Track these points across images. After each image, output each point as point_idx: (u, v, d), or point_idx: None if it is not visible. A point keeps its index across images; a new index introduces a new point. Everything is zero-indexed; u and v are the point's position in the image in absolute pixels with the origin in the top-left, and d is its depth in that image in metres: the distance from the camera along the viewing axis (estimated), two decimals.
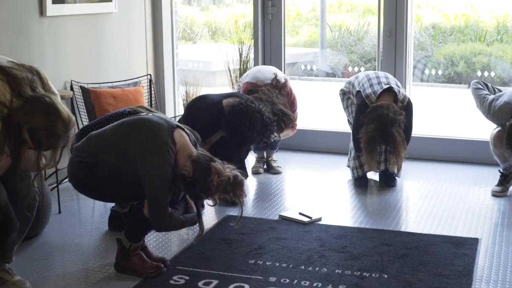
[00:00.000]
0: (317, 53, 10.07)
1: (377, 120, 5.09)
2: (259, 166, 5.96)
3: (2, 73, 3.22)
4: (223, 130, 4.91)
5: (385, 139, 5.14)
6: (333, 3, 11.62)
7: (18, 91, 3.20)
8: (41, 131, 3.18)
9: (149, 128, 3.78)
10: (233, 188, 3.74)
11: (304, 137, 6.59)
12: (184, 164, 3.73)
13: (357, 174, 5.54)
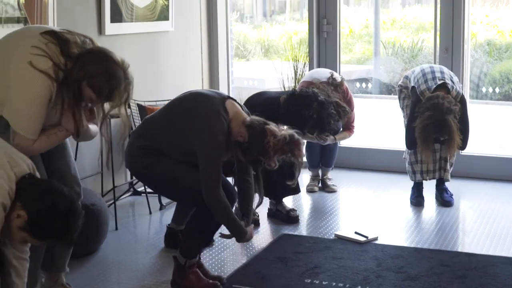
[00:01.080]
0: (370, 70, 10.03)
1: (432, 107, 5.08)
2: (314, 184, 5.94)
3: (54, 37, 3.24)
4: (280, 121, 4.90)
5: (440, 126, 5.08)
6: (386, 20, 11.59)
7: (67, 53, 3.21)
8: (98, 77, 3.16)
9: (200, 99, 3.83)
10: (290, 147, 3.73)
11: (359, 155, 6.56)
12: (238, 131, 3.74)
13: (414, 178, 5.53)
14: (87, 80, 3.17)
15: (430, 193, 5.62)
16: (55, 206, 2.83)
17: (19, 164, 2.89)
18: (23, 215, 2.80)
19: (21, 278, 3.06)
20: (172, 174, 3.84)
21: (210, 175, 3.69)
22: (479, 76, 10.31)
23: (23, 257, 3.07)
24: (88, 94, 3.21)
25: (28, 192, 2.84)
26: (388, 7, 13.07)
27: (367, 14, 11.56)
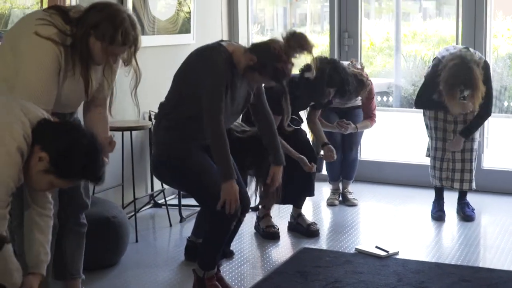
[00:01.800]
0: (392, 83, 10.01)
1: (457, 58, 5.08)
2: (334, 198, 5.93)
3: (56, 9, 3.25)
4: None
5: (466, 74, 5.03)
6: (407, 33, 11.58)
7: (70, 19, 3.19)
8: (102, 24, 3.12)
9: (194, 51, 3.98)
10: (297, 41, 3.78)
11: (380, 168, 6.55)
12: (245, 58, 3.78)
13: (434, 183, 5.52)
14: (93, 31, 3.13)
15: (452, 207, 5.59)
16: (76, 140, 2.78)
17: (33, 111, 2.85)
18: (44, 157, 2.74)
19: (45, 235, 3.00)
20: (198, 169, 3.87)
21: (212, 101, 3.73)
22: (500, 90, 10.25)
23: (46, 213, 3.01)
24: (97, 49, 3.16)
25: (46, 134, 2.78)
26: (409, 20, 13.05)
27: (388, 27, 11.55)
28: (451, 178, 5.41)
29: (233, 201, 3.71)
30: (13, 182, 2.72)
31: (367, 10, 14.78)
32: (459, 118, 5.31)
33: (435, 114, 5.36)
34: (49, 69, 3.15)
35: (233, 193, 3.70)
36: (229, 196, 3.71)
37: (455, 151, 5.33)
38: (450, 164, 5.38)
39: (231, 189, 3.71)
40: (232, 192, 3.70)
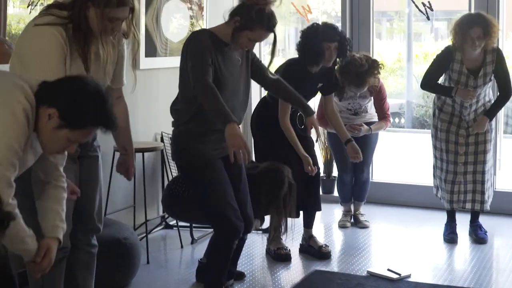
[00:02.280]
0: (403, 104, 10.01)
1: (465, 15, 5.19)
2: (346, 220, 5.91)
3: (48, 6, 3.28)
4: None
5: (476, 17, 5.09)
6: (419, 53, 11.57)
7: (63, 5, 3.20)
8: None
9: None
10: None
11: (391, 190, 6.53)
12: (230, 27, 3.85)
13: (445, 206, 5.48)
14: (90, 2, 3.14)
15: (464, 230, 5.56)
16: (81, 88, 2.70)
17: (31, 78, 2.82)
18: (53, 113, 2.67)
19: (60, 205, 2.95)
20: (211, 182, 3.92)
21: (196, 68, 3.81)
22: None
23: (60, 185, 2.96)
24: (94, 16, 3.15)
25: (49, 92, 2.72)
26: (420, 41, 13.05)
27: (400, 48, 11.56)
28: (463, 199, 5.38)
29: (242, 146, 3.59)
30: (18, 144, 2.63)
31: (378, 30, 14.81)
32: (471, 140, 5.29)
33: (446, 136, 5.33)
34: (56, 56, 3.15)
35: (238, 136, 3.59)
36: (235, 141, 3.59)
37: (467, 173, 5.31)
38: (461, 187, 5.36)
39: (235, 131, 3.60)
40: (237, 135, 3.59)
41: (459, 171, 5.32)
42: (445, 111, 5.33)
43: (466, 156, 5.30)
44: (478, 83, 5.16)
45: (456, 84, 5.18)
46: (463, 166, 5.32)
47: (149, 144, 5.41)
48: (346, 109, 5.69)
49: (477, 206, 5.39)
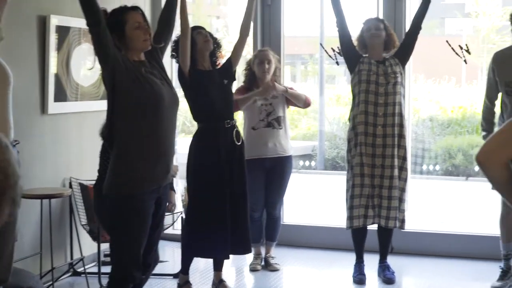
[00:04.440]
0: (316, 146, 10.17)
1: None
2: (256, 263, 5.92)
3: None
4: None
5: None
6: (332, 96, 11.83)
7: None
8: None
9: None
10: None
11: (302, 232, 6.58)
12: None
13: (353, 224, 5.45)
14: None
15: (373, 270, 5.65)
16: None
17: None
18: None
19: None
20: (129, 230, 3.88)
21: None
22: (422, 151, 10.50)
23: None
24: None
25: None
26: (334, 83, 13.34)
27: (313, 90, 11.79)
28: (378, 214, 5.40)
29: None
30: None
31: (293, 73, 15.07)
32: (387, 152, 5.35)
33: (360, 149, 5.35)
34: None
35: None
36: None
37: (383, 187, 5.40)
38: (376, 200, 5.39)
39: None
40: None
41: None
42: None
43: (383, 169, 5.33)
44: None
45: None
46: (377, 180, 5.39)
47: (57, 190, 5.33)
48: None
49: (391, 224, 5.40)
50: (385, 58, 5.40)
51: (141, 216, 3.88)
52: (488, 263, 5.83)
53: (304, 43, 12.72)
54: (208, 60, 5.05)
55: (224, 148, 4.94)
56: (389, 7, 6.23)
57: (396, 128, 5.33)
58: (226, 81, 5.05)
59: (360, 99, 5.35)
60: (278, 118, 5.68)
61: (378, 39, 5.39)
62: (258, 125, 5.65)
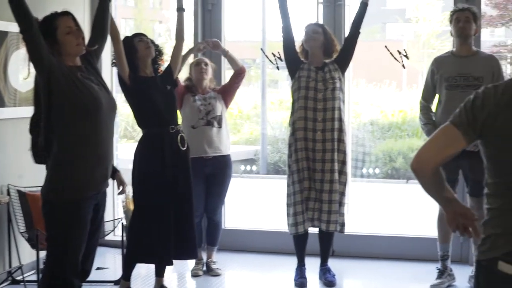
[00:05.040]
0: (258, 151, 10.19)
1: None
2: (198, 268, 5.91)
3: None
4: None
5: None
6: (275, 100, 11.89)
7: None
8: None
9: None
10: None
11: (244, 237, 6.59)
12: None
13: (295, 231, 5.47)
14: None
15: (314, 273, 5.69)
16: None
17: None
18: None
19: None
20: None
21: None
22: (363, 155, 10.62)
23: None
24: None
25: None
26: (277, 88, 13.41)
27: (256, 95, 11.82)
28: (318, 218, 5.45)
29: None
30: None
31: None
32: (327, 157, 5.40)
33: (301, 154, 5.37)
34: None
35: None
36: None
37: (323, 191, 5.44)
38: (316, 204, 5.42)
39: None
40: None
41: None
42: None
43: (324, 174, 5.37)
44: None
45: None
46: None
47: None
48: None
49: (332, 227, 5.45)
50: (325, 63, 5.46)
51: (80, 222, 3.85)
52: (427, 264, 5.92)
53: (247, 47, 12.75)
54: (150, 66, 5.07)
55: (169, 154, 4.95)
56: (328, 13, 6.30)
57: (336, 133, 5.40)
58: (169, 87, 5.07)
59: (299, 105, 5.40)
60: (217, 117, 5.72)
61: (314, 42, 5.44)
62: (198, 124, 5.67)
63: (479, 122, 2.42)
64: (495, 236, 2.43)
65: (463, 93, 5.12)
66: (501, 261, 2.39)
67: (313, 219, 5.46)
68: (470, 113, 2.44)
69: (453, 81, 5.27)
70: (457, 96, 5.15)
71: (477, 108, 2.43)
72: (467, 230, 2.52)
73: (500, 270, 2.39)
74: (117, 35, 4.76)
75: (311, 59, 5.48)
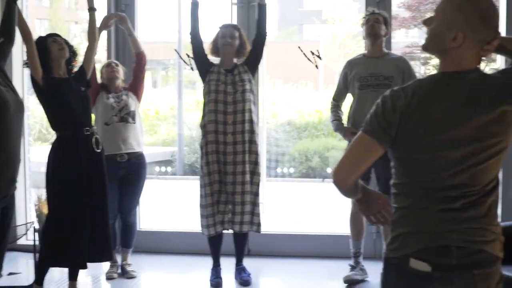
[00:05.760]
0: (175, 152, 10.16)
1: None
2: (113, 271, 5.85)
3: None
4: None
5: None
6: (192, 102, 11.85)
7: None
8: None
9: None
10: None
11: (159, 238, 6.55)
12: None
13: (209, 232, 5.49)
14: None
15: (230, 273, 5.71)
16: None
17: None
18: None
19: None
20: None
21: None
22: (280, 155, 10.70)
23: None
24: None
25: None
26: (194, 88, 13.36)
27: (173, 96, 11.78)
28: (232, 220, 5.48)
29: None
30: None
31: (154, 78, 15.01)
32: (238, 159, 5.42)
33: (212, 157, 5.39)
34: None
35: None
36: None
37: (235, 193, 5.46)
38: (230, 207, 5.45)
39: None
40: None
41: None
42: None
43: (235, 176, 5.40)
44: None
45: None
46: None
47: None
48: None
49: (245, 228, 5.50)
50: (236, 65, 5.49)
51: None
52: (341, 261, 6.00)
53: (163, 48, 12.70)
54: (64, 67, 5.00)
55: (84, 156, 4.89)
56: (242, 14, 6.33)
57: (247, 135, 5.43)
58: (83, 89, 5.02)
59: (209, 108, 5.41)
60: (131, 112, 5.69)
61: (231, 48, 5.47)
62: (111, 120, 5.62)
63: (393, 126, 2.41)
64: (405, 235, 2.45)
65: (374, 92, 5.28)
66: (412, 258, 2.42)
67: (223, 222, 5.50)
68: (382, 119, 2.42)
69: (364, 80, 5.42)
70: (369, 95, 5.30)
71: (388, 112, 2.42)
72: (381, 216, 2.52)
73: (412, 267, 2.41)
74: (29, 36, 4.68)
75: (222, 59, 5.50)
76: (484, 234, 2.43)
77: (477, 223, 2.42)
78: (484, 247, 2.42)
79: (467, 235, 2.41)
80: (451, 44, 2.42)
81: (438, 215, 2.42)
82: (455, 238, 2.40)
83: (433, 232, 2.42)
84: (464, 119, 2.39)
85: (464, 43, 2.40)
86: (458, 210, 2.41)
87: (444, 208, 2.42)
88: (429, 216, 2.43)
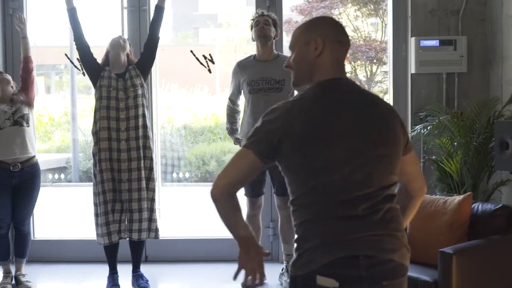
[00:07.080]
0: (70, 158, 10.00)
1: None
2: (7, 282, 5.69)
3: None
4: None
5: None
6: (86, 107, 11.69)
7: None
8: None
9: None
10: None
11: (54, 247, 6.43)
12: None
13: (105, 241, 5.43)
14: None
15: (127, 280, 5.67)
16: None
17: None
18: None
19: None
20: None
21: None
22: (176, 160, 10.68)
23: None
24: None
25: None
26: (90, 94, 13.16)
27: (67, 101, 11.60)
28: (129, 229, 5.45)
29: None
30: None
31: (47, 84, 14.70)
32: (133, 165, 5.39)
33: (105, 165, 5.36)
34: None
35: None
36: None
37: (132, 201, 5.43)
38: (127, 215, 5.42)
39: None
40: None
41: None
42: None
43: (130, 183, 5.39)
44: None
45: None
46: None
47: None
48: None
49: (143, 236, 5.47)
50: (127, 69, 5.45)
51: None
52: None
53: (57, 53, 12.47)
54: None
55: None
56: (133, 18, 6.30)
57: (141, 141, 5.41)
58: None
59: (102, 114, 5.37)
60: (25, 115, 5.58)
61: (119, 58, 5.45)
62: (4, 125, 5.49)
63: (276, 140, 2.43)
64: (311, 250, 2.42)
65: (267, 96, 5.34)
66: (318, 275, 2.38)
67: (120, 231, 5.46)
68: (263, 134, 2.44)
69: (255, 85, 5.44)
70: (261, 99, 5.36)
71: (270, 129, 2.44)
72: (254, 275, 2.50)
73: (319, 284, 2.39)
74: None
75: (112, 65, 5.46)
76: (392, 241, 2.44)
77: (383, 229, 2.43)
78: (393, 257, 2.43)
79: (374, 242, 2.41)
80: (315, 54, 2.51)
81: (341, 223, 2.40)
82: (363, 247, 2.39)
83: (339, 241, 2.39)
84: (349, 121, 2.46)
85: (324, 47, 2.51)
86: (360, 217, 2.40)
87: (346, 216, 2.40)
88: (332, 224, 2.41)
